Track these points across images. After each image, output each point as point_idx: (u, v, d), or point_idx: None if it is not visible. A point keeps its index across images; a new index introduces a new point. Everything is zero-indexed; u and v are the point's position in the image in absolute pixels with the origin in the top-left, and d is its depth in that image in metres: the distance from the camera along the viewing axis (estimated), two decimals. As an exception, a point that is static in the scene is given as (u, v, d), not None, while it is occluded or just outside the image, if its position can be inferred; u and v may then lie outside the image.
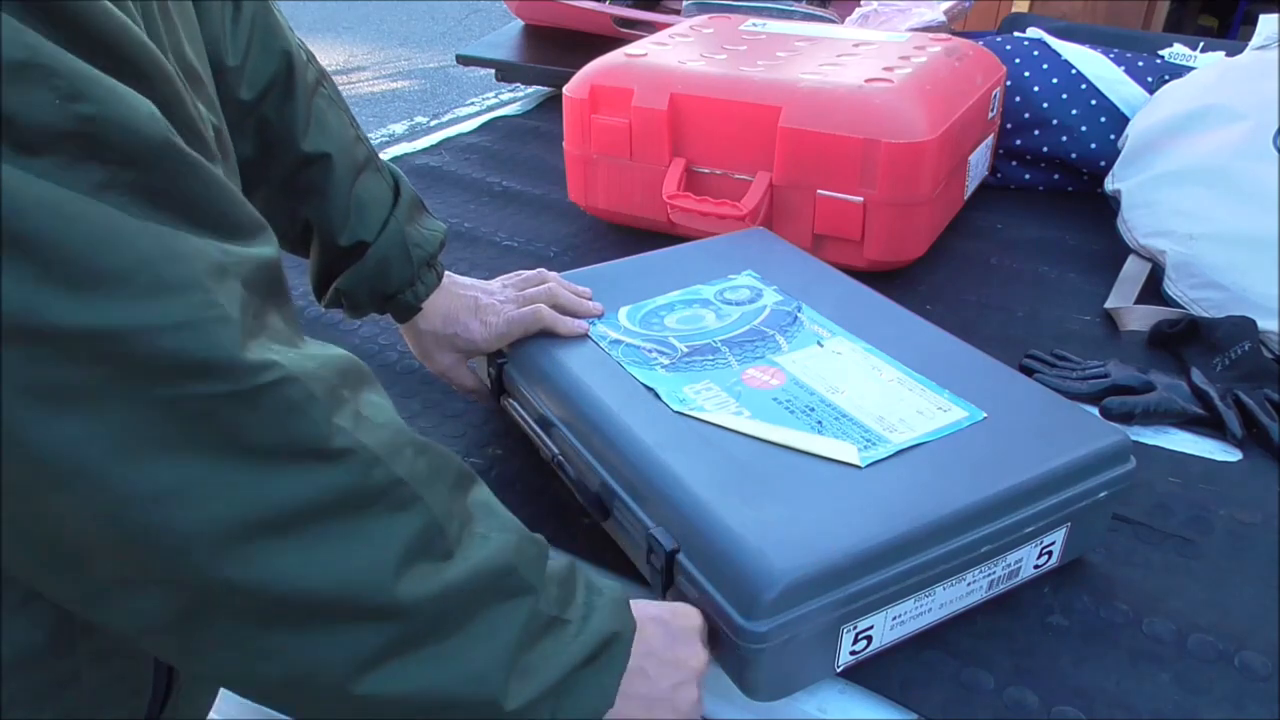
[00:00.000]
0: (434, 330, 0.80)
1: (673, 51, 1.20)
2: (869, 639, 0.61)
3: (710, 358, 0.75)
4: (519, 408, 0.79)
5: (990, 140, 1.25)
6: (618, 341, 0.78)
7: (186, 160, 0.41)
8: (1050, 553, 0.66)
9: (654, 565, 0.62)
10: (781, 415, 0.68)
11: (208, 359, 0.39)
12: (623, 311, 0.82)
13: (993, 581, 0.64)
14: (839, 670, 0.61)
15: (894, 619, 0.61)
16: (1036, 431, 0.66)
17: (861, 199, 1.03)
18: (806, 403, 0.70)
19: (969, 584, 0.63)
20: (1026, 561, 0.65)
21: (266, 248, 0.45)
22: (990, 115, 1.22)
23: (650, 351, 0.76)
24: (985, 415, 0.67)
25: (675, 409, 0.69)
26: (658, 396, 0.71)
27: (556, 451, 0.72)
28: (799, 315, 0.81)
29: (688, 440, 0.66)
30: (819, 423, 0.67)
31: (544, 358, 0.77)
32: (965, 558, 0.61)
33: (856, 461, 0.63)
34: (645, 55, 1.19)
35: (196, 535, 0.41)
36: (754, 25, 1.33)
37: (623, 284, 0.86)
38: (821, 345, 0.77)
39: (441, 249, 0.80)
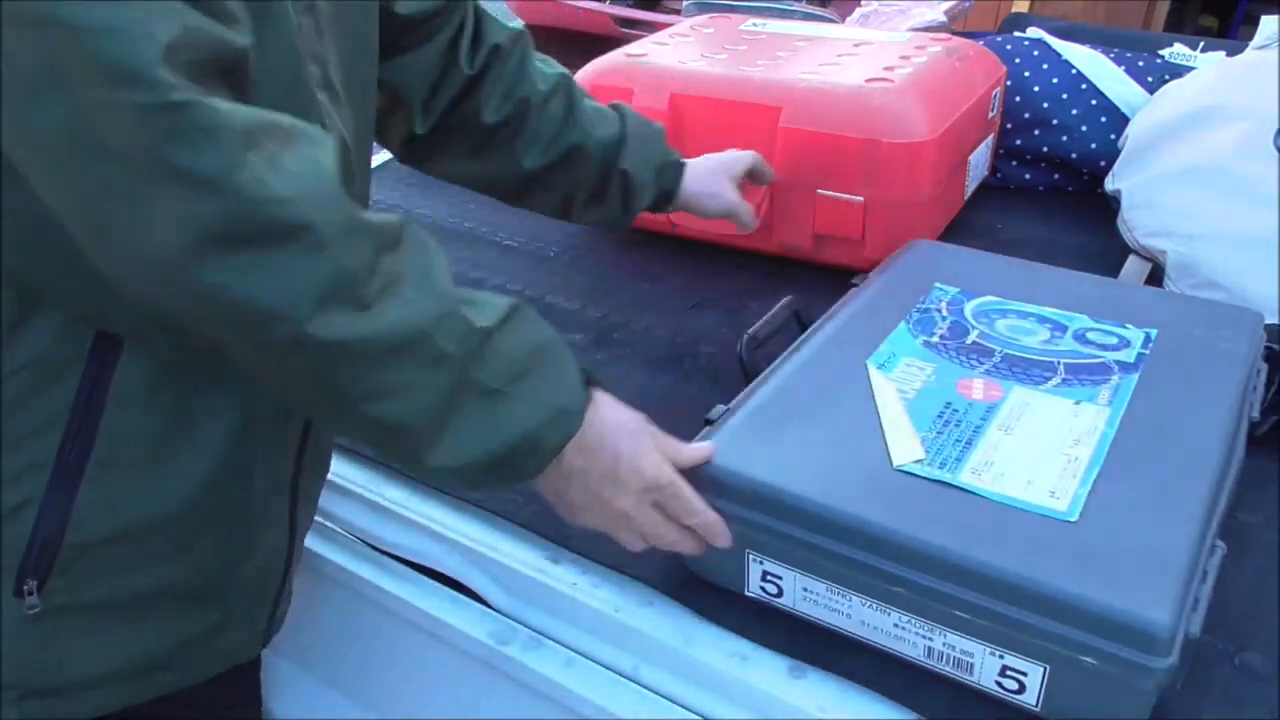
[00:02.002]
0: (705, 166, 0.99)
1: (673, 51, 1.20)
2: (778, 587, 0.64)
3: (977, 359, 0.75)
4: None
5: (990, 140, 1.25)
6: (928, 310, 0.82)
7: None
8: (1020, 683, 0.58)
9: None
10: (929, 419, 0.68)
11: (126, 64, 0.43)
12: (986, 297, 0.84)
13: (930, 650, 0.60)
14: (747, 594, 0.66)
15: (804, 589, 0.63)
16: (1083, 555, 0.57)
17: (862, 199, 1.03)
18: (969, 422, 0.68)
19: (895, 623, 0.60)
20: (983, 668, 0.59)
21: (237, 36, 0.49)
22: (990, 115, 1.22)
23: (938, 326, 0.80)
24: (1075, 520, 0.59)
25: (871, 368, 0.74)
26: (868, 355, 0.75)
27: None
28: (1122, 383, 0.72)
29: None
30: (939, 433, 0.67)
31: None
32: (882, 583, 0.59)
33: (904, 459, 0.64)
34: (645, 55, 1.19)
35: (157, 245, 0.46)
36: (754, 25, 1.33)
37: (1018, 279, 0.88)
38: (1077, 404, 0.70)
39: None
